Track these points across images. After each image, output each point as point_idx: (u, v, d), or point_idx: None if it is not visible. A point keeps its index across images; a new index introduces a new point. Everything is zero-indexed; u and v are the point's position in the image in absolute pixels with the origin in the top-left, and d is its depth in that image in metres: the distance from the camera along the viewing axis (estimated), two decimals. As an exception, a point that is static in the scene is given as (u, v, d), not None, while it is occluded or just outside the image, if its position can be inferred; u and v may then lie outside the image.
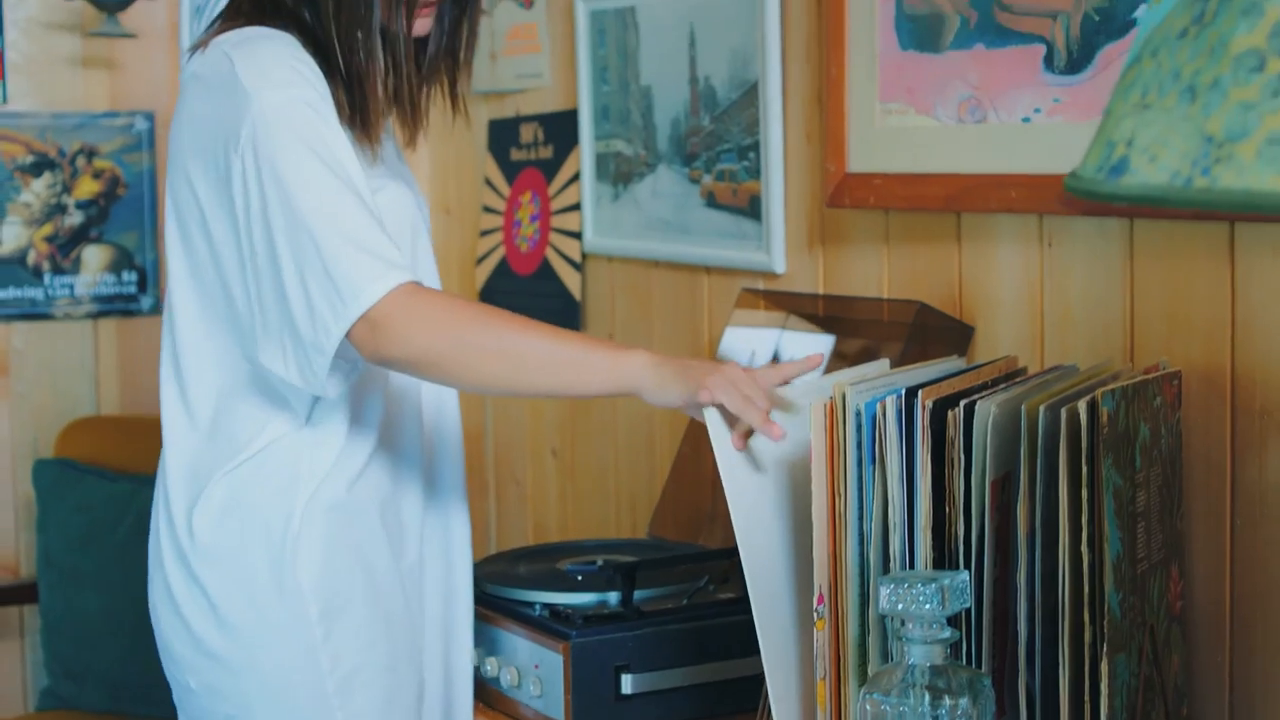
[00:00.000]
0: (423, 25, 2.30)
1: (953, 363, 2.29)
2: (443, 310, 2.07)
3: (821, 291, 2.83)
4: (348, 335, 2.06)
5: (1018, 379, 2.14)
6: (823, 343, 2.77)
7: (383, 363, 2.10)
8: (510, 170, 3.70)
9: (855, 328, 2.71)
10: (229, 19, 2.27)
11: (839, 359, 2.71)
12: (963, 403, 1.95)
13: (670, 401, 2.07)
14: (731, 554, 2.39)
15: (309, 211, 2.06)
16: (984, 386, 2.07)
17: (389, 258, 2.06)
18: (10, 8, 3.70)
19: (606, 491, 3.48)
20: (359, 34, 2.21)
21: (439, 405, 2.43)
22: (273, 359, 2.11)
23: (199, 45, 2.25)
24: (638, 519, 3.34)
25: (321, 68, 2.20)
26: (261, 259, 2.10)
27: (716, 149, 3.03)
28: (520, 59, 3.64)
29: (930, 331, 2.56)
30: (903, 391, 1.97)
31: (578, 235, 3.47)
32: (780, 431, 2.02)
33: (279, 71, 2.14)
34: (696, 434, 2.95)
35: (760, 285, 2.96)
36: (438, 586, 2.45)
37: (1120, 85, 1.35)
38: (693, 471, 2.96)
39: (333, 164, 2.10)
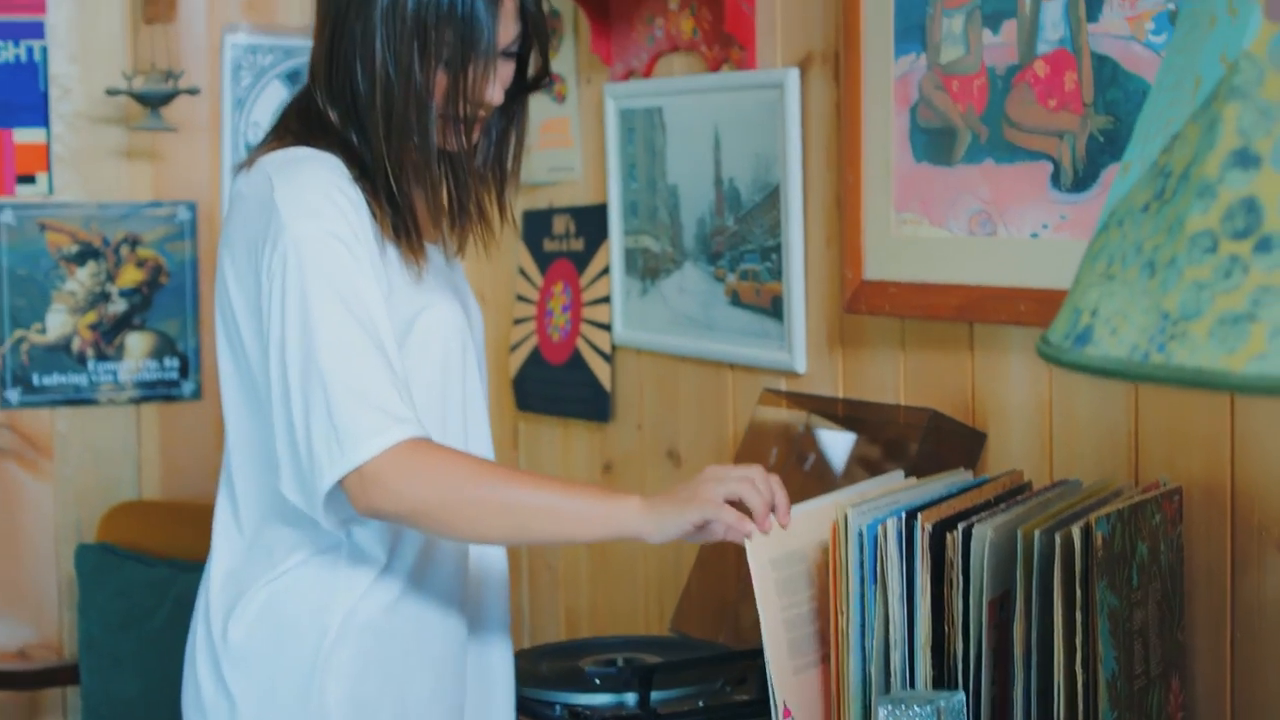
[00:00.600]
0: (472, 139, 2.30)
1: (960, 476, 2.34)
2: (437, 467, 2.08)
3: (841, 392, 2.89)
4: (341, 485, 2.07)
5: (1021, 496, 2.19)
6: (846, 440, 2.82)
7: (374, 515, 2.10)
8: (543, 260, 3.77)
9: (873, 430, 2.76)
10: (277, 137, 2.28)
11: (858, 460, 2.77)
12: (961, 525, 2.00)
13: (672, 536, 2.09)
14: (748, 655, 2.44)
15: (324, 355, 2.07)
16: (986, 505, 2.13)
17: (395, 412, 2.06)
18: (56, 101, 3.79)
19: (635, 580, 3.53)
20: (412, 156, 2.22)
21: None
22: (284, 483, 2.14)
23: (246, 163, 2.27)
24: (665, 607, 3.39)
25: (365, 189, 2.21)
26: (277, 388, 2.12)
27: (740, 249, 3.10)
28: (553, 152, 3.71)
29: (944, 436, 2.61)
30: (903, 514, 2.03)
31: (608, 327, 3.54)
32: (786, 515, 2.09)
33: (315, 200, 2.15)
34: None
35: (782, 384, 3.02)
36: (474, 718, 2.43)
37: (1089, 252, 1.41)
38: (716, 564, 3.01)
39: (356, 307, 2.11)
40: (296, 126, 2.28)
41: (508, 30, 2.24)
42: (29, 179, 3.79)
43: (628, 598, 3.57)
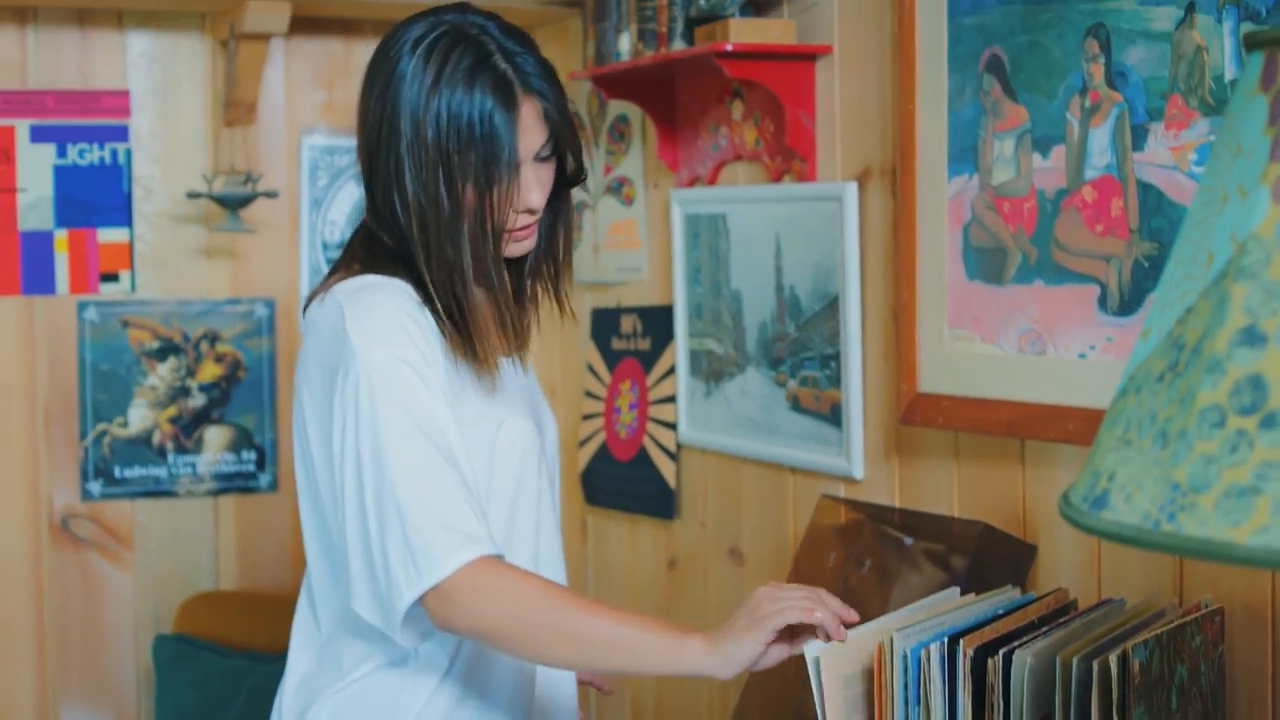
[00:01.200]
0: (522, 246, 2.36)
1: (1007, 594, 2.40)
2: (511, 589, 2.13)
3: (898, 499, 2.95)
4: (421, 602, 2.13)
5: (1065, 618, 2.24)
6: (901, 548, 2.88)
7: (450, 630, 2.17)
8: (611, 358, 3.85)
9: (927, 540, 2.82)
10: (345, 265, 2.36)
11: (913, 568, 2.82)
12: (1002, 651, 2.06)
13: (739, 667, 2.12)
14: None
15: (399, 480, 2.13)
16: (1030, 627, 2.18)
17: (469, 531, 2.12)
18: (139, 202, 3.91)
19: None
20: (453, 278, 2.28)
21: None
22: (359, 602, 2.21)
23: (317, 292, 2.34)
24: (728, 703, 3.45)
25: (432, 310, 2.28)
26: (352, 509, 2.18)
27: (800, 355, 3.17)
28: (621, 254, 3.80)
29: (995, 549, 2.67)
30: (946, 638, 2.09)
31: (673, 426, 3.61)
32: (842, 630, 2.11)
33: (385, 328, 2.21)
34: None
35: (841, 488, 3.08)
36: None
37: (1110, 414, 1.47)
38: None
39: (428, 428, 2.17)
40: (363, 254, 2.35)
41: (533, 139, 2.30)
42: (112, 277, 3.90)
43: (691, 697, 3.63)
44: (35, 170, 3.83)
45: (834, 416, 3.09)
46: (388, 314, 2.23)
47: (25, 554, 3.86)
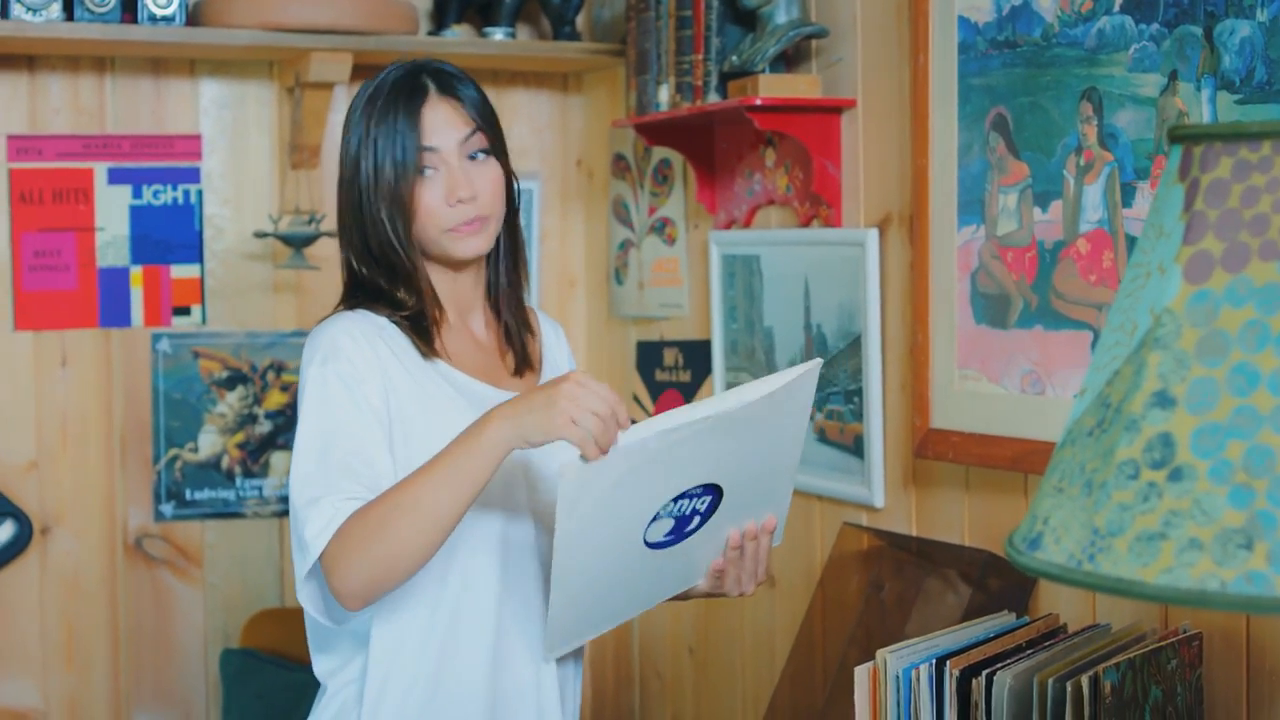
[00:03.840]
0: (471, 245, 2.50)
1: (1003, 619, 2.58)
2: (343, 530, 2.25)
3: (915, 528, 3.14)
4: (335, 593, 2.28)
5: (1051, 641, 2.43)
6: (916, 574, 3.06)
7: (347, 601, 2.27)
8: (655, 389, 4.05)
9: (939, 566, 3.01)
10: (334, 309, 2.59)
11: (926, 593, 3.01)
12: (985, 672, 2.25)
13: (533, 441, 2.16)
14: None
15: (293, 478, 2.35)
16: (1017, 650, 2.37)
17: (338, 508, 2.28)
18: (210, 240, 4.13)
19: (734, 687, 3.79)
20: (411, 283, 2.50)
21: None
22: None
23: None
24: (760, 711, 3.65)
25: (400, 324, 2.47)
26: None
27: (827, 390, 3.35)
28: (664, 290, 3.99)
29: (999, 575, 2.86)
30: (934, 660, 2.28)
31: (711, 454, 3.80)
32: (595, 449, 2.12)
33: (324, 347, 2.41)
34: (809, 636, 3.27)
35: (863, 516, 3.27)
36: None
37: (1050, 464, 1.65)
38: (805, 676, 3.27)
39: (332, 430, 2.35)
40: (344, 298, 2.60)
41: (452, 131, 2.48)
42: (184, 311, 4.12)
43: (726, 704, 3.82)
44: (113, 210, 4.05)
45: (857, 448, 3.28)
46: (329, 335, 2.44)
47: (102, 572, 4.07)
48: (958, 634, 2.47)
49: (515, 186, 2.60)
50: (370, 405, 2.39)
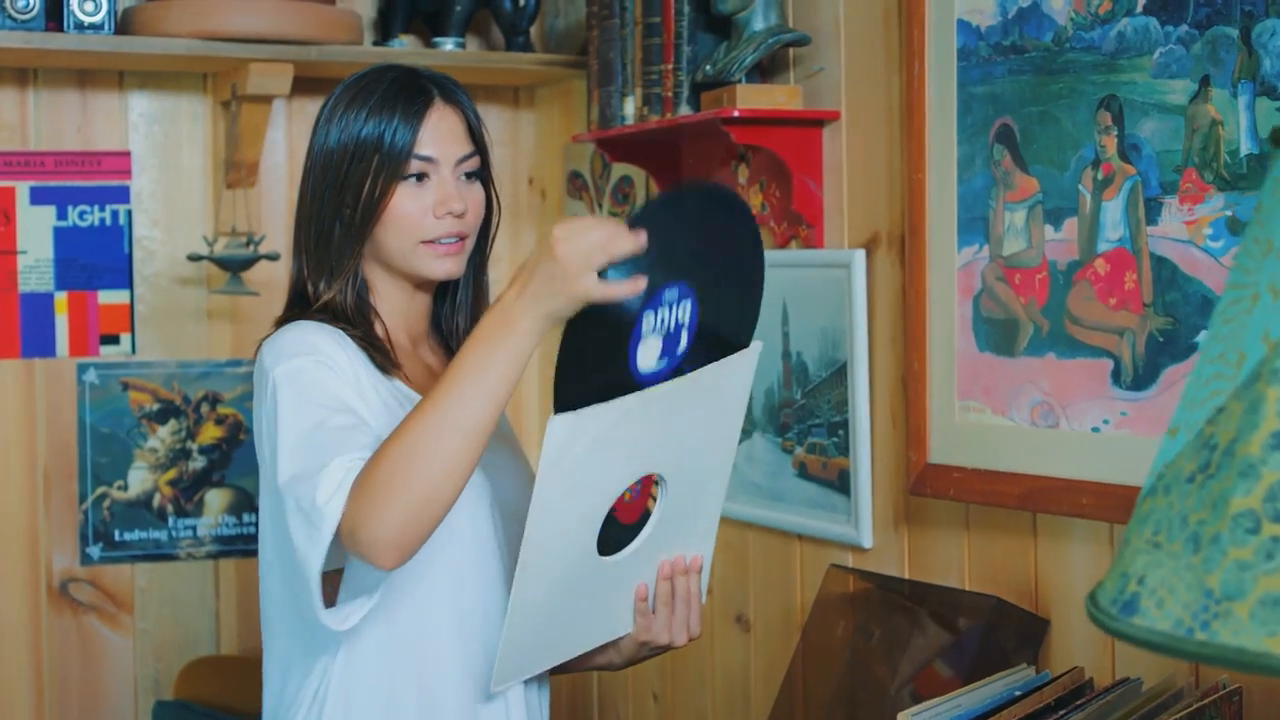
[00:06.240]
0: (445, 266, 2.33)
1: (1023, 673, 2.37)
2: (365, 482, 2.03)
3: (906, 570, 2.93)
4: (351, 552, 2.07)
5: (1081, 699, 2.22)
6: (910, 620, 2.85)
7: (377, 553, 2.03)
8: (614, 421, 3.82)
9: (937, 612, 2.80)
10: (275, 324, 2.36)
11: (922, 641, 2.80)
12: (1020, 738, 2.04)
13: (569, 316, 2.00)
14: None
15: (281, 460, 2.12)
16: (1047, 710, 2.16)
17: (343, 473, 2.06)
18: (140, 264, 3.89)
19: (735, 709, 3.58)
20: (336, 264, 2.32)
21: None
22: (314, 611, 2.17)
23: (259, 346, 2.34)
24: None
25: (353, 336, 2.28)
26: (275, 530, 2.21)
27: (808, 423, 3.14)
28: (624, 315, 3.77)
29: (1007, 623, 2.65)
30: (962, 725, 2.07)
31: (678, 490, 3.58)
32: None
33: (291, 344, 2.21)
34: (791, 687, 3.05)
35: (849, 557, 3.06)
36: None
37: (1137, 513, 1.44)
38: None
39: (316, 394, 2.16)
40: (285, 313, 2.38)
41: (452, 145, 2.32)
42: (113, 339, 3.89)
43: (697, 759, 3.61)
44: (35, 232, 3.82)
45: (841, 484, 3.07)
46: (296, 335, 2.25)
47: (24, 619, 3.83)
48: (976, 693, 2.26)
49: (495, 215, 2.44)
50: (356, 391, 2.20)
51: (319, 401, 2.17)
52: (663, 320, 2.11)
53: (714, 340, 2.23)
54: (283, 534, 2.14)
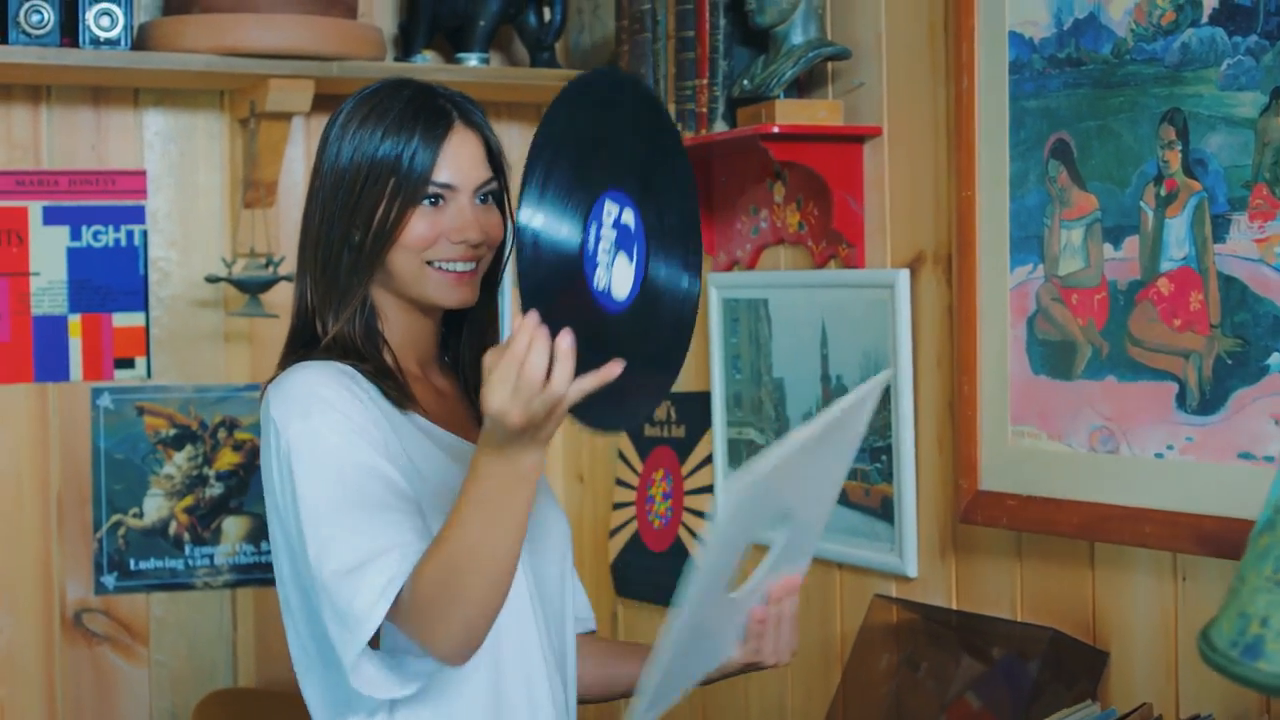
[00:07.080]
0: (456, 295, 2.24)
1: (1088, 710, 2.28)
2: (419, 599, 1.99)
3: (954, 600, 2.84)
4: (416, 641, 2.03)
5: (1154, 738, 2.13)
6: (959, 652, 2.76)
7: (448, 661, 2.05)
8: (643, 446, 3.73)
9: (988, 644, 2.70)
10: (280, 365, 2.29)
11: (972, 676, 2.70)
12: (1098, 782, 1.94)
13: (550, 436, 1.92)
14: None
15: (315, 551, 2.06)
16: (1120, 749, 2.07)
17: (386, 573, 2.02)
18: (156, 286, 3.79)
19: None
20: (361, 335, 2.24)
21: None
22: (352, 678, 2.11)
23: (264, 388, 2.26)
24: None
25: (365, 372, 2.20)
26: (296, 596, 2.16)
27: (848, 448, 3.05)
28: (653, 337, 3.68)
29: (1064, 656, 2.55)
30: (1037, 768, 1.97)
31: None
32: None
33: (303, 400, 2.13)
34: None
35: (892, 587, 2.96)
36: None
37: (1254, 548, 1.35)
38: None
39: (349, 472, 2.08)
40: (294, 351, 2.29)
41: (472, 170, 2.23)
42: (127, 363, 3.79)
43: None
44: (49, 253, 3.72)
45: (884, 512, 2.97)
46: (307, 387, 2.15)
47: (37, 650, 3.72)
48: (1045, 731, 2.16)
49: (509, 239, 2.31)
50: (378, 447, 2.12)
51: (339, 473, 2.09)
52: (609, 240, 1.98)
53: (667, 231, 2.10)
54: (313, 613, 2.13)
